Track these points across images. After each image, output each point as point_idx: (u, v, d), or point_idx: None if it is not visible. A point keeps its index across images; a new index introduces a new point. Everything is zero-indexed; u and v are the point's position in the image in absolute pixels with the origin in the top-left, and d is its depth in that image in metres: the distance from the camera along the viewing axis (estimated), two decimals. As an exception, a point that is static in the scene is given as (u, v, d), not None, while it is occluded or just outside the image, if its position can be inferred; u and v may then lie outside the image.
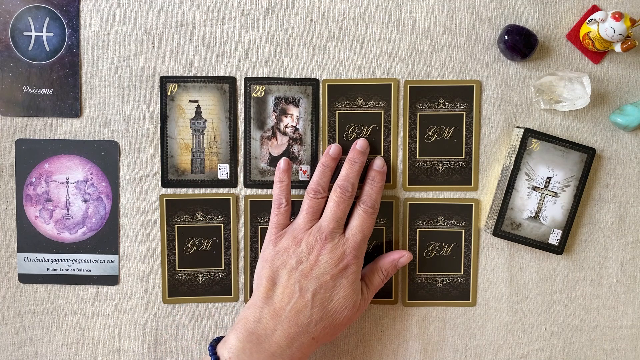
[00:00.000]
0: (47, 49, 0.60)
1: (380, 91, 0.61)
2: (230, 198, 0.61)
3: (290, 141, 0.61)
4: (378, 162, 0.59)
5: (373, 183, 0.58)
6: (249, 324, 0.54)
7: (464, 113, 0.61)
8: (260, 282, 0.56)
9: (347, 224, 0.58)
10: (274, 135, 0.61)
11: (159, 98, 0.60)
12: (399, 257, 0.60)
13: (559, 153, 0.60)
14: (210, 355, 0.54)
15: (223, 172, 0.61)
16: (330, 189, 0.58)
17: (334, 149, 0.59)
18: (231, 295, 0.62)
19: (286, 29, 0.60)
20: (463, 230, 0.62)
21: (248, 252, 0.62)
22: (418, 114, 0.61)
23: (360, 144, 0.59)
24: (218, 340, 0.56)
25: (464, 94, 0.61)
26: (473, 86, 0.61)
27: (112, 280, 0.62)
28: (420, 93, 0.61)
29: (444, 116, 0.61)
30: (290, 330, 0.54)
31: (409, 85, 0.61)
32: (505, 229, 0.60)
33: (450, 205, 0.62)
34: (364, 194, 0.58)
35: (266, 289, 0.55)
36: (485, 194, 0.62)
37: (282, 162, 0.59)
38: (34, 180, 0.61)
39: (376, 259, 0.60)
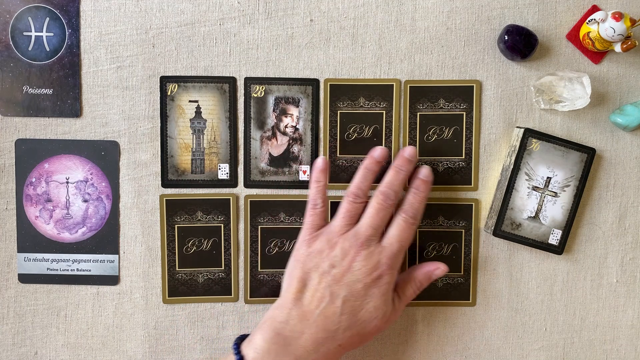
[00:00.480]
0: (47, 49, 0.60)
1: (382, 91, 0.61)
2: (230, 198, 0.61)
3: (290, 141, 0.61)
4: (425, 172, 0.57)
5: (417, 192, 0.57)
6: (276, 325, 0.53)
7: (464, 113, 0.61)
8: (290, 283, 0.55)
9: (385, 232, 0.56)
10: (274, 135, 0.61)
11: (159, 98, 0.60)
12: (434, 269, 0.58)
13: (559, 153, 0.60)
14: (234, 354, 0.53)
15: (223, 172, 0.61)
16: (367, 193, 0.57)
17: (379, 152, 0.57)
18: (231, 295, 0.62)
19: (286, 29, 0.60)
20: (463, 230, 0.62)
21: (248, 252, 0.62)
22: (418, 114, 0.61)
23: (408, 152, 0.57)
24: (242, 338, 0.55)
25: (464, 94, 0.61)
26: (473, 86, 0.61)
27: (112, 280, 0.62)
28: (420, 93, 0.61)
29: (444, 116, 0.61)
30: (317, 335, 0.53)
31: (409, 85, 0.61)
32: (505, 229, 0.60)
33: (450, 205, 0.62)
34: (406, 203, 0.56)
35: (296, 290, 0.54)
36: (485, 194, 0.62)
37: (320, 161, 0.57)
38: (34, 180, 0.61)
39: (409, 270, 0.59)
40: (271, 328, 0.53)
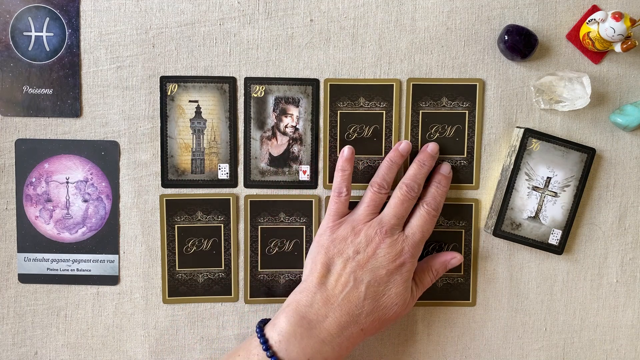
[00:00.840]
0: (47, 49, 0.60)
1: (382, 91, 0.61)
2: (230, 198, 0.61)
3: (290, 141, 0.61)
4: (446, 168, 0.60)
5: (439, 186, 0.59)
6: (300, 308, 0.54)
7: (467, 111, 0.61)
8: (314, 267, 0.56)
9: (407, 223, 0.58)
10: (274, 135, 0.61)
11: (159, 98, 0.60)
12: (451, 258, 0.60)
13: (559, 153, 0.60)
14: (258, 337, 0.54)
15: (223, 172, 0.61)
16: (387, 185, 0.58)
17: (404, 145, 0.59)
18: (231, 295, 0.62)
19: (286, 29, 0.60)
20: (463, 230, 0.62)
21: (248, 252, 0.62)
22: (420, 112, 0.61)
23: (431, 147, 0.59)
24: (264, 322, 0.56)
25: (466, 93, 0.61)
26: (476, 85, 0.61)
27: (112, 280, 0.62)
28: (423, 91, 0.61)
29: (447, 114, 0.61)
30: (341, 319, 0.54)
31: (411, 83, 0.61)
32: (505, 229, 0.60)
33: (450, 205, 0.62)
34: (428, 195, 0.58)
35: (320, 274, 0.55)
36: (485, 194, 0.62)
37: (346, 150, 0.58)
38: (34, 180, 0.61)
39: (427, 259, 0.60)
40: (295, 311, 0.54)
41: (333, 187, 0.58)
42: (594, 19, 0.57)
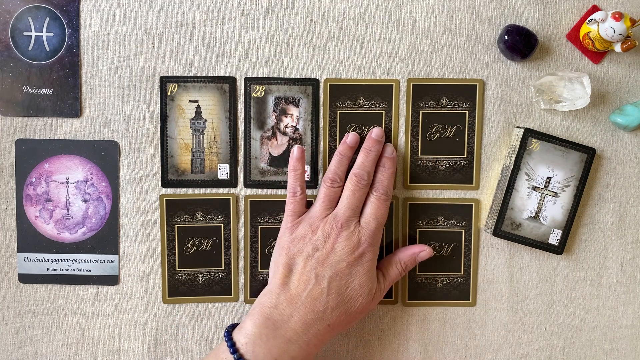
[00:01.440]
0: (47, 49, 0.60)
1: (381, 92, 0.61)
2: (230, 198, 0.61)
3: (290, 141, 0.61)
4: (388, 149, 0.59)
5: (384, 170, 0.59)
6: (265, 310, 0.55)
7: (467, 112, 0.61)
8: (277, 270, 0.56)
9: (362, 212, 0.58)
10: (274, 135, 0.61)
11: (159, 98, 0.60)
12: (419, 251, 0.60)
13: (559, 153, 0.60)
14: (226, 341, 0.54)
15: (223, 172, 0.61)
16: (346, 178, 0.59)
17: (351, 137, 0.59)
18: (231, 295, 0.62)
19: (286, 29, 0.60)
20: (463, 230, 0.62)
21: (248, 252, 0.62)
22: (420, 111, 0.61)
23: (375, 132, 0.59)
24: (233, 327, 0.57)
25: (466, 93, 0.61)
26: (476, 85, 0.61)
27: (112, 280, 0.62)
28: (423, 91, 0.61)
29: (447, 114, 0.61)
30: (306, 317, 0.55)
31: (412, 83, 0.61)
32: (505, 229, 0.60)
33: (450, 205, 0.62)
34: (376, 182, 0.58)
35: (282, 275, 0.56)
36: (485, 194, 0.62)
37: (296, 150, 0.59)
38: (34, 180, 0.61)
39: (396, 251, 0.61)
40: (261, 313, 0.55)
41: (288, 188, 0.59)
42: (594, 19, 0.57)
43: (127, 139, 0.61)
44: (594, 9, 0.60)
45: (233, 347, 0.54)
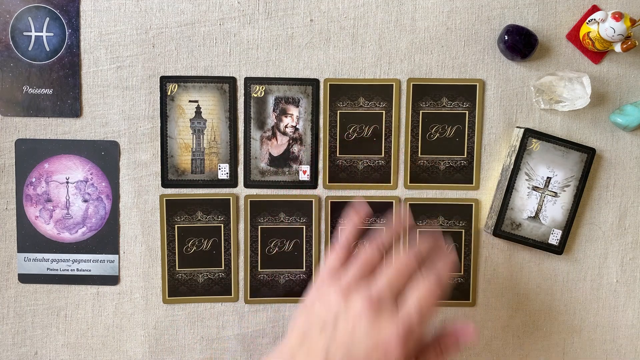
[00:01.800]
0: (47, 49, 0.60)
1: (382, 91, 0.61)
2: (230, 198, 0.61)
3: (290, 141, 0.61)
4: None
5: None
6: None
7: (467, 112, 0.61)
8: (291, 331, 0.49)
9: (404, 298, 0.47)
10: (274, 135, 0.61)
11: (159, 98, 0.60)
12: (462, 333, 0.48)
13: (559, 153, 0.60)
14: None
15: (223, 172, 0.61)
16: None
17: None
18: (231, 295, 0.62)
19: (286, 29, 0.60)
20: (463, 230, 0.62)
21: (248, 252, 0.62)
22: (421, 111, 0.61)
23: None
24: None
25: (467, 93, 0.61)
26: (476, 85, 0.61)
27: (112, 280, 0.62)
28: (424, 91, 0.61)
29: (447, 114, 0.61)
30: None
31: (412, 83, 0.61)
32: (505, 229, 0.60)
33: (450, 205, 0.62)
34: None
35: (294, 342, 0.48)
36: (485, 194, 0.62)
37: (362, 206, 0.52)
38: (34, 180, 0.61)
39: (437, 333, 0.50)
40: None
41: (338, 240, 0.52)
42: (594, 19, 0.57)
43: (127, 139, 0.61)
44: (594, 9, 0.60)
45: None
